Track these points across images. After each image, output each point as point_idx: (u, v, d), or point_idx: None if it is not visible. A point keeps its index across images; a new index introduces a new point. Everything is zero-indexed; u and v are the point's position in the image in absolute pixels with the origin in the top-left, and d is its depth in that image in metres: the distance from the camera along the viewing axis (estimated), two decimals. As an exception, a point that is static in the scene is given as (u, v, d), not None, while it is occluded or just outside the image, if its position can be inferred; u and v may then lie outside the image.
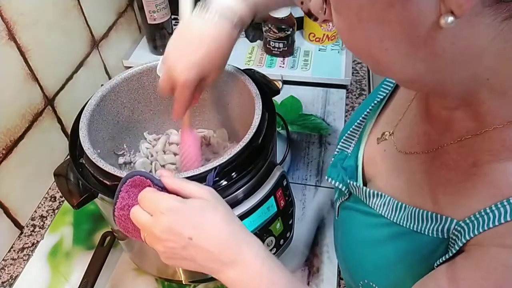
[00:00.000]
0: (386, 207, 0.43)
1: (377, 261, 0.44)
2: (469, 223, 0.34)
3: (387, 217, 0.43)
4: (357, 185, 0.48)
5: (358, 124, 0.53)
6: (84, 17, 0.88)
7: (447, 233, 0.36)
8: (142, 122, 0.71)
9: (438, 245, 0.37)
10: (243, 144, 0.52)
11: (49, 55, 0.78)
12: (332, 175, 0.52)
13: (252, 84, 0.60)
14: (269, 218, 0.57)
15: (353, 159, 0.52)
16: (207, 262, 0.40)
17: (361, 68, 1.05)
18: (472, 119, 0.36)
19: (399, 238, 0.41)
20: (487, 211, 0.33)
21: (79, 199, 0.52)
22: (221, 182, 0.50)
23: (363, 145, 0.52)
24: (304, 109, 0.95)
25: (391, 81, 0.52)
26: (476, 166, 0.36)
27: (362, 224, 0.47)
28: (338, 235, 0.56)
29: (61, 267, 0.71)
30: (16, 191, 0.74)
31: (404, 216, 0.41)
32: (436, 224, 0.37)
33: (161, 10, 0.98)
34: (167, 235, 0.40)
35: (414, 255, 0.40)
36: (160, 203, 0.41)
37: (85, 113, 0.58)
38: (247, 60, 1.05)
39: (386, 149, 0.48)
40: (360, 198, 0.48)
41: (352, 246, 0.49)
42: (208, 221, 0.41)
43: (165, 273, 0.66)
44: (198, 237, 0.40)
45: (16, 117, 0.73)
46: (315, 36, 1.06)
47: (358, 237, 0.48)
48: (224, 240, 0.40)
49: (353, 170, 0.51)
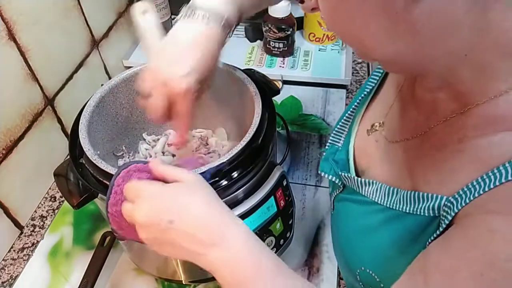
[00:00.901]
0: (379, 193, 0.44)
1: (373, 247, 0.45)
2: (457, 197, 0.35)
3: (380, 203, 0.44)
4: (350, 176, 0.49)
5: (347, 117, 0.54)
6: (84, 17, 0.88)
7: (438, 210, 0.37)
8: (141, 123, 0.71)
9: (429, 223, 0.38)
10: (243, 144, 0.52)
11: (49, 55, 0.78)
12: (324, 169, 0.53)
13: (252, 84, 0.60)
14: (269, 218, 0.57)
15: (344, 152, 0.53)
16: (189, 245, 0.39)
17: (361, 68, 1.05)
18: (454, 99, 0.37)
19: (393, 221, 0.42)
20: (474, 183, 0.34)
21: (79, 199, 0.52)
22: (221, 182, 0.50)
23: (353, 138, 0.53)
24: (304, 109, 0.95)
25: (377, 73, 0.53)
26: (461, 143, 0.37)
27: (357, 213, 0.48)
28: (334, 228, 0.56)
29: (61, 267, 0.71)
30: (16, 191, 0.74)
31: (397, 200, 0.42)
32: (427, 202, 0.38)
33: (161, 10, 0.98)
34: (148, 220, 0.40)
35: (407, 237, 0.41)
36: (141, 190, 0.41)
37: (85, 113, 0.58)
38: (247, 60, 1.05)
39: (378, 139, 0.49)
40: (353, 188, 0.49)
41: (349, 236, 0.50)
42: (188, 203, 0.40)
43: (165, 273, 0.66)
44: (178, 219, 0.39)
45: (16, 117, 0.73)
46: (315, 36, 1.06)
47: (354, 227, 0.49)
48: (205, 221, 0.39)
49: (345, 162, 0.52)
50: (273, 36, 1.00)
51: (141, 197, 0.41)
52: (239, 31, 1.13)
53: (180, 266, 0.62)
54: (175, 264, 0.62)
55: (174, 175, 0.42)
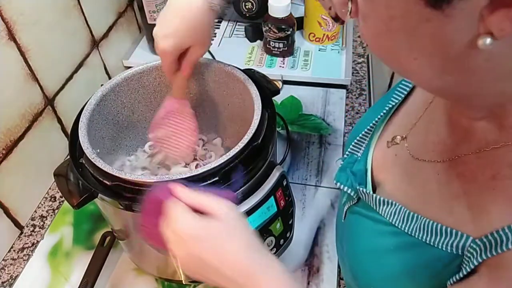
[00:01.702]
0: (397, 216, 0.42)
1: (384, 270, 0.43)
2: (485, 242, 0.32)
3: (398, 226, 0.41)
4: (367, 192, 0.47)
5: (369, 127, 0.52)
6: (84, 17, 0.88)
7: (462, 250, 0.35)
8: (143, 122, 0.71)
9: (451, 261, 0.36)
10: (243, 144, 0.52)
11: (49, 55, 0.78)
12: (341, 180, 0.51)
13: (252, 84, 0.60)
14: (269, 218, 0.57)
15: (363, 163, 0.51)
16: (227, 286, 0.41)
17: (361, 68, 1.05)
18: (494, 131, 0.35)
19: (409, 248, 0.40)
20: (505, 230, 0.31)
21: (79, 199, 0.52)
22: (220, 182, 0.50)
23: (372, 149, 0.51)
24: (304, 109, 0.95)
25: (405, 86, 0.51)
26: (495, 180, 0.34)
27: (371, 231, 0.46)
28: (343, 238, 0.55)
29: (61, 267, 0.71)
30: (16, 191, 0.74)
31: (416, 227, 0.39)
32: (450, 239, 0.36)
33: (161, 10, 0.98)
34: (190, 260, 0.42)
35: (423, 268, 0.39)
36: (180, 227, 0.42)
37: (85, 113, 0.58)
38: (247, 60, 1.05)
39: (397, 153, 0.47)
40: (369, 204, 0.46)
41: (359, 252, 0.48)
42: (228, 248, 0.41)
43: (165, 273, 0.66)
44: (219, 265, 0.40)
45: (16, 117, 0.73)
46: (315, 36, 1.06)
47: (366, 244, 0.47)
48: (243, 267, 0.40)
49: (363, 174, 0.50)
50: (273, 36, 1.00)
51: (181, 235, 0.41)
52: (239, 31, 1.14)
53: (180, 266, 0.62)
54: (175, 264, 0.62)
55: (209, 208, 0.43)
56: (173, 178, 0.48)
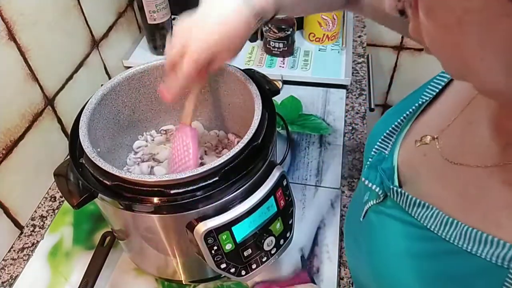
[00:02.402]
0: (434, 220, 0.40)
1: (417, 276, 0.41)
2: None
3: (434, 231, 0.39)
4: (401, 192, 0.44)
5: (396, 124, 0.51)
6: (84, 17, 0.88)
7: (508, 262, 0.33)
8: (143, 122, 0.71)
9: (493, 272, 0.34)
10: (243, 144, 0.52)
11: (49, 55, 0.78)
12: (369, 177, 0.49)
13: (252, 84, 0.60)
14: (269, 218, 0.57)
15: (390, 161, 0.49)
16: None
17: (361, 68, 1.05)
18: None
19: (446, 255, 0.38)
20: None
21: (79, 199, 0.52)
22: (220, 182, 0.50)
23: (398, 147, 0.50)
24: (304, 109, 0.95)
25: (436, 84, 0.49)
26: None
27: (401, 234, 0.44)
28: (360, 236, 0.53)
29: (61, 267, 0.71)
30: (16, 191, 0.74)
31: (456, 234, 0.37)
32: (495, 249, 0.34)
33: (161, 10, 0.98)
34: None
35: (461, 276, 0.37)
36: None
37: (85, 112, 0.58)
38: (247, 60, 1.05)
39: (427, 154, 0.45)
40: (400, 204, 0.44)
41: (385, 254, 0.46)
42: None
43: (165, 273, 0.66)
44: None
45: (16, 117, 0.73)
46: (315, 36, 1.06)
47: (396, 249, 0.44)
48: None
49: (391, 172, 0.48)
50: (273, 36, 1.00)
51: None
52: (239, 31, 1.13)
53: (180, 266, 0.62)
54: (175, 264, 0.62)
55: None
56: (173, 178, 0.48)
